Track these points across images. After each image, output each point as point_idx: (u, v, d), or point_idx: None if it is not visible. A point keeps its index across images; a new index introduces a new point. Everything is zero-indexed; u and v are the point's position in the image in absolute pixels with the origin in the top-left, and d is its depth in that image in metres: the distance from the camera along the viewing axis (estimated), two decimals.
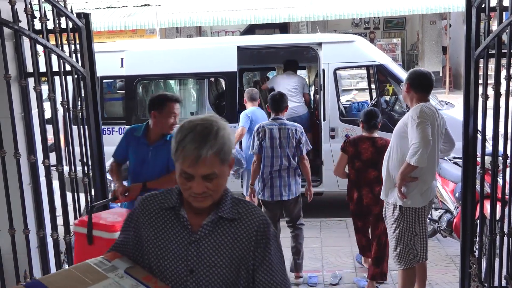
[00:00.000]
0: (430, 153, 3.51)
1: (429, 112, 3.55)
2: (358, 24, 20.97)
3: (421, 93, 3.67)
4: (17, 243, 3.15)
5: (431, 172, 3.69)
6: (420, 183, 3.63)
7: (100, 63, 6.28)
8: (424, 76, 3.69)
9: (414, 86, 3.67)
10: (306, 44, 6.98)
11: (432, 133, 3.50)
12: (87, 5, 18.33)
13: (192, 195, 1.62)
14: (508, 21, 3.06)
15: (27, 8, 3.17)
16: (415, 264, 3.80)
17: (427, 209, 3.77)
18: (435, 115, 3.62)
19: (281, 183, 4.53)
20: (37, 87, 3.28)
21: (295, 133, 4.50)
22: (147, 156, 3.54)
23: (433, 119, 3.56)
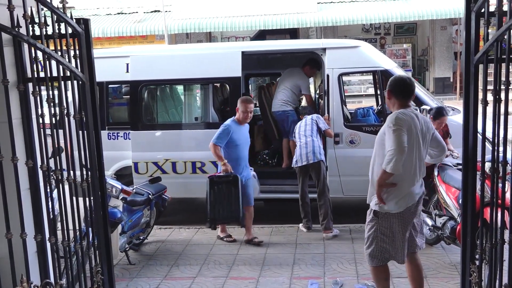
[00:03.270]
0: (407, 160, 3.61)
1: (405, 118, 3.62)
2: (368, 29, 20.95)
3: (402, 99, 3.75)
4: (15, 247, 3.16)
5: (409, 179, 3.72)
6: (396, 190, 3.70)
7: (106, 68, 6.44)
8: (403, 82, 3.78)
9: (394, 92, 3.77)
10: (310, 49, 6.97)
11: (409, 139, 3.57)
12: (98, 11, 18.54)
13: None
14: (507, 25, 3.02)
15: (26, 13, 3.20)
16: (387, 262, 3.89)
17: (405, 214, 3.77)
18: (413, 121, 3.66)
19: None
20: (36, 92, 3.29)
21: None
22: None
23: (409, 125, 3.61)
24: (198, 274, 5.07)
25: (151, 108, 7.15)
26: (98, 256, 3.85)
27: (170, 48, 9.66)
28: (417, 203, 3.88)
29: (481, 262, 3.55)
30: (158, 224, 6.34)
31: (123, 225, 5.16)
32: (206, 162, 6.55)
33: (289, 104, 7.18)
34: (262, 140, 7.98)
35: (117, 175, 6.82)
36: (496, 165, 3.29)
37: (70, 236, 3.56)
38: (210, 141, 5.72)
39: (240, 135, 5.86)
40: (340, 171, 6.39)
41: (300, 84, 7.21)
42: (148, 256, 5.65)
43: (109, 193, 4.91)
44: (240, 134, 5.86)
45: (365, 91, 18.35)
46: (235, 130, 5.80)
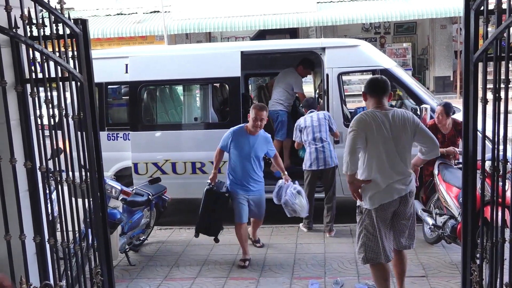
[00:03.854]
0: (374, 157, 3.75)
1: (364, 119, 3.75)
2: (368, 29, 20.94)
3: (375, 97, 3.87)
4: (14, 249, 3.15)
5: (382, 175, 3.78)
6: (370, 186, 3.82)
7: (105, 69, 6.43)
8: (374, 80, 3.96)
9: (367, 92, 3.92)
10: (309, 48, 6.96)
11: (371, 138, 3.71)
12: (98, 12, 18.54)
13: None
14: (506, 23, 3.01)
15: (23, 14, 3.19)
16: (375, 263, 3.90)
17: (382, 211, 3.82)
18: (375, 120, 3.73)
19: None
20: (34, 93, 3.28)
21: None
22: None
23: (369, 125, 3.72)
24: (199, 275, 5.06)
25: (150, 108, 7.14)
26: (97, 257, 3.85)
27: (170, 48, 9.65)
28: (400, 202, 3.84)
29: (482, 261, 3.54)
30: (158, 225, 6.33)
31: (123, 226, 5.15)
32: (206, 163, 6.54)
33: (281, 103, 7.26)
34: None
35: (117, 176, 6.81)
36: (496, 164, 3.28)
37: (69, 237, 3.55)
38: None
39: (243, 144, 5.33)
40: (340, 171, 6.36)
41: (292, 83, 7.27)
42: (148, 257, 5.64)
43: (109, 194, 4.90)
44: (243, 144, 5.33)
45: None
46: (237, 138, 5.35)
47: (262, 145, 5.41)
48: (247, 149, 5.32)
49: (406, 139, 3.83)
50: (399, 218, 3.93)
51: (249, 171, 5.37)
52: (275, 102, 7.30)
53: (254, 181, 5.41)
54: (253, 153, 5.33)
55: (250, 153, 5.32)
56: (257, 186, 5.43)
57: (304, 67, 7.34)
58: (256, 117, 5.23)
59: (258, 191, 5.45)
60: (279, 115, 7.24)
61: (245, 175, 5.36)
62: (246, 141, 5.34)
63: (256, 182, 5.43)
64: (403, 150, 3.83)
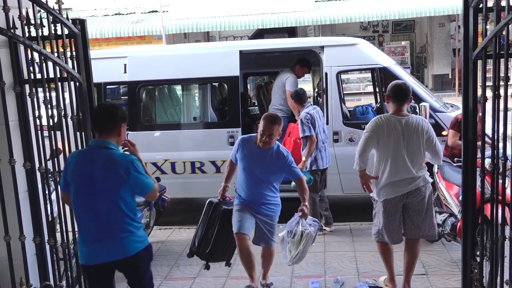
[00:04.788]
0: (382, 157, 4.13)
1: (379, 123, 4.12)
2: (366, 27, 20.93)
3: (397, 103, 4.16)
4: (14, 250, 3.15)
5: (388, 173, 4.11)
6: (377, 182, 4.22)
7: (103, 69, 6.41)
8: (398, 88, 4.18)
9: (391, 97, 4.20)
10: (308, 47, 6.95)
11: (382, 140, 4.09)
12: (96, 12, 18.51)
13: None
14: (505, 21, 3.01)
15: (21, 15, 3.18)
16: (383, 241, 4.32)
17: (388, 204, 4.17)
18: (388, 125, 4.08)
19: None
20: (32, 94, 3.28)
21: None
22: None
23: (382, 130, 4.08)
24: (199, 274, 5.05)
25: (149, 108, 7.13)
26: None
27: (168, 48, 9.64)
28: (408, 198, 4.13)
29: (482, 258, 3.54)
30: (158, 225, 6.32)
31: None
32: (205, 162, 6.54)
33: (281, 109, 7.07)
34: None
35: None
36: (496, 161, 3.28)
37: (69, 238, 3.55)
38: None
39: (252, 158, 4.37)
40: (340, 169, 6.37)
41: (286, 82, 7.06)
42: None
43: None
44: (252, 158, 4.37)
45: (364, 89, 18.33)
46: (245, 148, 4.44)
47: (274, 164, 4.34)
48: (256, 166, 4.37)
49: (417, 144, 4.09)
50: (409, 210, 4.19)
51: (260, 193, 4.41)
52: (275, 109, 7.11)
53: (266, 205, 4.45)
54: (262, 173, 4.36)
55: (259, 171, 4.36)
56: (271, 208, 4.47)
57: (301, 66, 7.26)
58: (263, 131, 4.27)
59: (272, 212, 4.48)
60: None
61: (255, 197, 4.41)
62: (255, 155, 4.37)
63: (269, 205, 4.46)
64: (413, 153, 4.09)
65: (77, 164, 3.12)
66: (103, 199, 3.04)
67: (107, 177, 3.04)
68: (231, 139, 6.51)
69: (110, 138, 3.13)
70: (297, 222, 4.31)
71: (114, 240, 3.08)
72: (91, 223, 3.08)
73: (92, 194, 3.05)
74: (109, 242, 3.07)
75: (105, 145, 3.11)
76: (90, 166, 3.07)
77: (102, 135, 3.14)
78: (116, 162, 3.06)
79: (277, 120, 4.35)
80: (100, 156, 3.08)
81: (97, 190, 3.04)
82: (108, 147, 3.11)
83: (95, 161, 3.08)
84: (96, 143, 3.16)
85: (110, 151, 3.09)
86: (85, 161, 3.11)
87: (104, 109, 3.23)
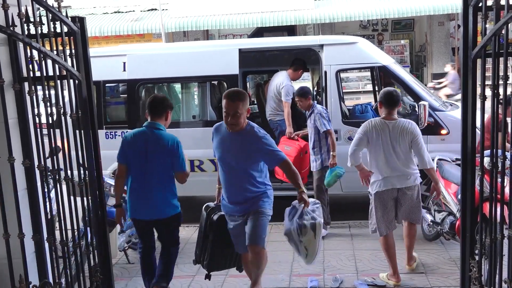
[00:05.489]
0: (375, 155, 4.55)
1: (369, 126, 4.56)
2: (366, 26, 20.92)
3: (388, 108, 4.56)
4: (13, 247, 3.15)
5: (381, 169, 4.54)
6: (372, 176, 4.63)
7: (103, 67, 6.41)
8: (389, 94, 4.58)
9: (382, 102, 4.59)
10: (308, 46, 6.95)
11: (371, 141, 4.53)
12: (95, 10, 18.49)
13: None
14: (505, 19, 3.01)
15: (20, 12, 3.18)
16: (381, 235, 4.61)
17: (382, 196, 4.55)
18: (377, 127, 4.52)
19: None
20: (32, 92, 3.28)
21: None
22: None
23: (371, 132, 4.52)
24: (198, 273, 5.06)
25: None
26: (96, 256, 3.84)
27: (167, 46, 9.64)
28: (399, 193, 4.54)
29: (481, 257, 3.55)
30: None
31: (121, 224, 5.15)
32: (204, 160, 6.54)
33: (278, 113, 7.01)
34: None
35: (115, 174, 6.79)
36: (495, 160, 3.29)
37: (68, 236, 3.55)
38: None
39: (222, 144, 3.91)
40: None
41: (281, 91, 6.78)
42: None
43: (107, 192, 4.90)
44: (222, 144, 3.91)
45: (363, 88, 18.32)
46: (217, 135, 3.98)
47: (246, 147, 3.78)
48: (228, 154, 3.89)
49: (403, 145, 4.50)
50: (400, 205, 4.61)
51: (240, 188, 3.89)
52: (272, 113, 7.05)
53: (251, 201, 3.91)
54: (236, 161, 3.85)
55: (232, 160, 3.86)
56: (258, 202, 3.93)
57: (294, 69, 6.98)
58: (227, 112, 3.72)
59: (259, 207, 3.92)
60: (279, 125, 7.04)
61: (236, 194, 3.92)
62: (226, 141, 3.87)
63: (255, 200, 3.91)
64: (401, 153, 4.50)
65: (134, 140, 4.08)
66: (154, 169, 4.01)
67: (158, 151, 4.00)
68: None
69: (159, 120, 4.12)
70: (300, 214, 3.80)
71: (155, 203, 4.10)
72: (141, 188, 4.04)
73: (145, 164, 4.00)
74: (151, 203, 4.08)
75: (155, 126, 4.09)
76: (145, 142, 4.03)
77: (153, 118, 4.11)
78: (165, 139, 4.02)
79: (240, 95, 3.79)
80: (152, 135, 4.05)
81: (149, 162, 3.99)
82: (158, 127, 4.08)
83: (149, 138, 4.04)
84: (149, 124, 4.12)
85: (160, 131, 4.06)
86: (140, 139, 4.06)
87: (157, 98, 4.24)
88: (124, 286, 4.87)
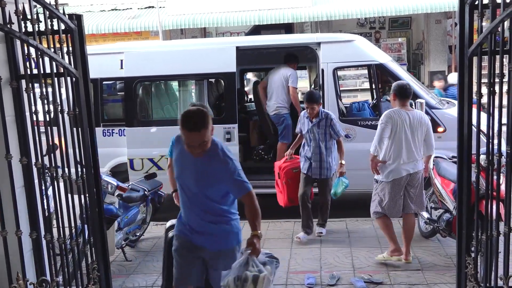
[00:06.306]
0: (395, 144, 4.83)
1: (392, 115, 4.84)
2: (363, 24, 20.92)
3: (401, 100, 4.89)
4: (10, 245, 3.15)
5: (396, 158, 4.85)
6: (386, 165, 4.90)
7: (100, 65, 6.41)
8: (403, 87, 4.93)
9: (397, 94, 4.91)
10: (305, 44, 6.96)
11: (394, 130, 4.81)
12: (92, 7, 18.45)
13: None
14: (501, 17, 3.02)
15: (17, 10, 3.17)
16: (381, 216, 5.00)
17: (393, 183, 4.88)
18: (399, 117, 4.81)
19: None
20: (29, 89, 3.28)
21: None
22: None
23: (395, 121, 4.80)
24: None
25: (146, 104, 7.13)
26: (94, 253, 3.85)
27: (165, 44, 9.62)
28: (410, 177, 4.88)
29: (477, 254, 3.57)
30: (154, 221, 6.33)
31: (119, 222, 5.15)
32: None
33: (285, 106, 7.07)
34: (258, 135, 7.98)
35: (113, 171, 6.80)
36: (491, 158, 3.30)
37: (65, 233, 3.56)
38: None
39: (181, 161, 3.30)
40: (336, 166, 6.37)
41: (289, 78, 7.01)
42: (145, 252, 5.65)
43: (105, 189, 4.90)
44: (181, 160, 3.30)
45: (360, 86, 18.34)
46: (177, 147, 3.36)
47: (209, 172, 3.13)
48: (187, 175, 3.24)
49: (420, 134, 4.87)
50: (409, 187, 4.94)
51: (200, 214, 3.25)
52: (280, 105, 7.04)
53: (210, 235, 3.24)
54: (196, 184, 3.20)
55: (191, 182, 3.21)
56: (219, 239, 3.24)
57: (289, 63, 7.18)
58: (188, 144, 3.08)
59: (220, 245, 3.23)
60: (285, 119, 7.06)
61: (195, 220, 3.28)
62: (186, 159, 3.21)
63: (216, 235, 3.23)
64: (416, 141, 4.86)
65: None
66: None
67: None
68: (227, 135, 6.52)
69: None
70: (245, 262, 2.99)
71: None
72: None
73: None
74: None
75: None
76: None
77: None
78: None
79: (202, 120, 3.07)
80: None
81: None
82: None
83: None
84: None
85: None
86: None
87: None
88: (122, 283, 4.88)
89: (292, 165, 5.96)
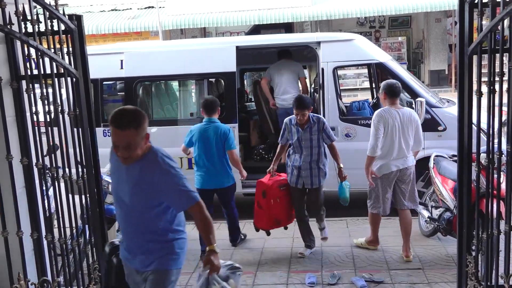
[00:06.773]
0: (387, 141, 4.94)
1: (383, 114, 4.95)
2: (363, 23, 20.93)
3: (390, 99, 5.02)
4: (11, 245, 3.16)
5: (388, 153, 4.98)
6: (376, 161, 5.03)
7: (100, 65, 6.40)
8: (391, 86, 5.07)
9: (387, 93, 5.04)
10: (305, 43, 6.96)
11: (386, 128, 4.92)
12: (92, 8, 18.46)
13: None
14: (500, 16, 3.02)
15: (17, 10, 3.18)
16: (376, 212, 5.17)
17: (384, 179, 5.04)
18: (391, 115, 4.93)
19: None
20: (29, 90, 3.28)
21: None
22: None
23: (386, 119, 4.92)
24: (196, 270, 5.07)
25: (146, 104, 7.13)
26: (95, 253, 3.85)
27: (165, 44, 9.62)
28: (400, 173, 5.02)
29: (478, 252, 3.57)
30: None
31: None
32: None
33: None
34: (258, 135, 7.98)
35: None
36: (491, 156, 3.30)
37: (66, 233, 3.56)
38: None
39: (117, 173, 2.94)
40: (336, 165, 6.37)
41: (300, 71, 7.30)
42: None
43: (106, 190, 4.90)
44: (116, 172, 2.97)
45: (360, 85, 18.35)
46: (113, 157, 2.93)
47: (145, 184, 2.75)
48: (121, 187, 2.88)
49: (411, 131, 5.01)
50: (400, 183, 5.07)
51: (137, 232, 2.87)
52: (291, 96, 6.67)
53: (147, 254, 2.85)
54: (130, 198, 2.81)
55: (126, 196, 2.83)
56: (155, 256, 2.85)
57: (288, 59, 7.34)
58: (114, 143, 2.74)
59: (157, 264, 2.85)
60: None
61: (132, 239, 2.91)
62: (121, 169, 2.84)
63: (152, 249, 2.85)
64: (407, 138, 4.99)
65: (199, 131, 5.33)
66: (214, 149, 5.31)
67: (217, 137, 5.29)
68: None
69: (213, 116, 5.37)
70: (206, 283, 2.74)
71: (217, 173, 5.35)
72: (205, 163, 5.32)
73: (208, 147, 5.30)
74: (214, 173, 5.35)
75: (213, 120, 5.36)
76: (207, 132, 5.31)
77: (209, 115, 5.36)
78: (221, 128, 5.33)
79: (134, 118, 2.71)
80: (211, 126, 5.33)
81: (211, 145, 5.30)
82: (214, 121, 5.36)
83: (209, 129, 5.33)
84: (208, 120, 5.37)
85: (216, 123, 5.35)
86: (204, 130, 5.34)
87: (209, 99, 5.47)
88: None
89: (278, 182, 5.40)
